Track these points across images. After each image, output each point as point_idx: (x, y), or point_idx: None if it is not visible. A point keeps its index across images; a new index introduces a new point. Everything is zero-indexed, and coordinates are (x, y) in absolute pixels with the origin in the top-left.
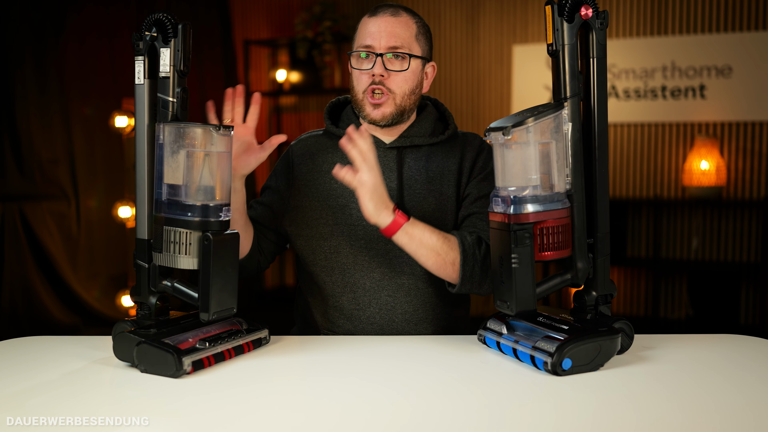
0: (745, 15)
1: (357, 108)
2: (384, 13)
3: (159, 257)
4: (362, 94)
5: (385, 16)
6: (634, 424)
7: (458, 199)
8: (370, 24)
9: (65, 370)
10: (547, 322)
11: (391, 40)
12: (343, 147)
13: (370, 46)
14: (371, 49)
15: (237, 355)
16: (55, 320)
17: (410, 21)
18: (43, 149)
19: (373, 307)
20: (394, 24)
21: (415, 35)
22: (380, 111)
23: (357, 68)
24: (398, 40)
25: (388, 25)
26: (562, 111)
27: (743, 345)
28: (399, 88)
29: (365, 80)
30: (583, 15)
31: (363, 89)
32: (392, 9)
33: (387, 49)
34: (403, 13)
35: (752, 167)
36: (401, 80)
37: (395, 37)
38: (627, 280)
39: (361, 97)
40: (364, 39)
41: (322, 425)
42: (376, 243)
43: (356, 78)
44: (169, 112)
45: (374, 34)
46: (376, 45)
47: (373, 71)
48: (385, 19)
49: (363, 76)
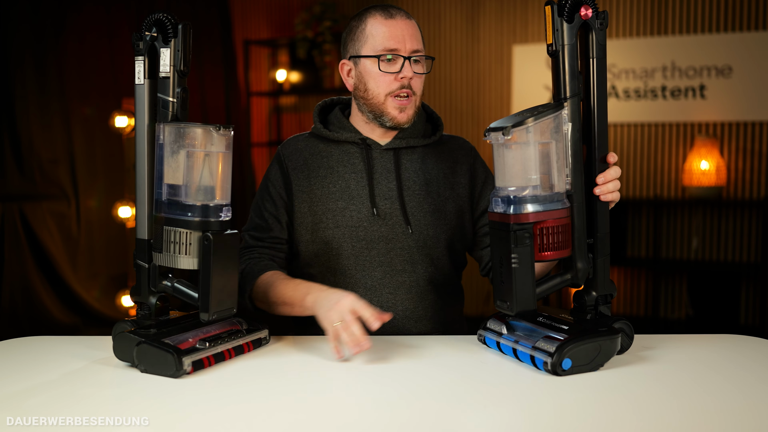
0: (745, 15)
1: (376, 111)
2: (400, 15)
3: (159, 257)
4: (385, 96)
5: (402, 18)
6: (634, 424)
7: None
8: (390, 27)
9: (65, 370)
10: (547, 322)
11: (414, 43)
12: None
13: (396, 49)
14: (397, 52)
15: (237, 355)
16: (55, 320)
17: (416, 24)
18: (43, 149)
19: (374, 305)
20: (412, 27)
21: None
22: (406, 114)
23: (385, 71)
24: (419, 43)
25: (408, 27)
26: (562, 111)
27: (743, 345)
28: (419, 90)
29: (390, 83)
30: (582, 15)
31: (387, 92)
32: (403, 12)
33: (411, 52)
34: (411, 16)
35: (752, 167)
36: (420, 82)
37: (416, 40)
38: (627, 280)
39: (382, 99)
40: (385, 42)
41: (322, 425)
42: (377, 243)
43: (376, 80)
44: (169, 112)
45: (399, 37)
46: (401, 48)
47: (404, 74)
48: (404, 21)
49: (387, 78)
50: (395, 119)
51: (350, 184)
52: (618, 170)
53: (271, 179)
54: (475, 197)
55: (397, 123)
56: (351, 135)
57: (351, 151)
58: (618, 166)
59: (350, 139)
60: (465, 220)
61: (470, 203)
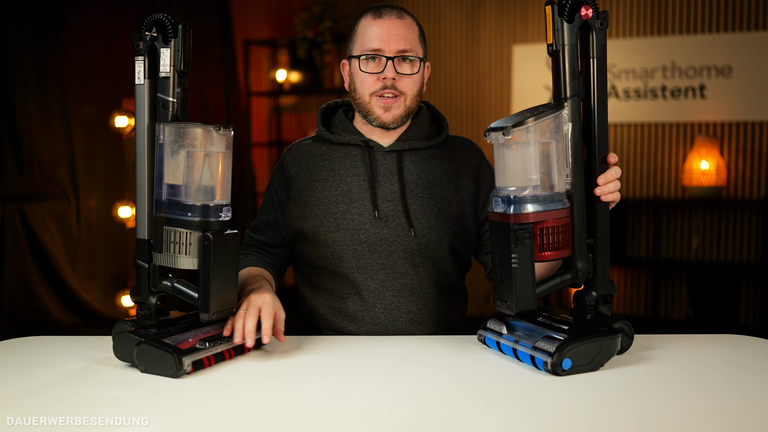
0: (745, 15)
1: (363, 111)
2: (389, 15)
3: (159, 257)
4: (369, 96)
5: (391, 18)
6: (634, 425)
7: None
8: (376, 26)
9: (65, 370)
10: (547, 322)
11: (400, 43)
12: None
13: (379, 49)
14: (380, 53)
15: (237, 355)
16: (55, 320)
17: (413, 23)
18: (43, 149)
19: (378, 308)
20: (401, 27)
21: (418, 37)
22: (391, 114)
23: (365, 71)
24: (407, 43)
25: (396, 27)
26: (562, 111)
27: (743, 345)
28: (409, 90)
29: (374, 83)
30: (583, 15)
31: (371, 92)
32: (396, 11)
33: (397, 53)
34: (407, 15)
35: (752, 167)
36: (411, 82)
37: (404, 41)
38: (627, 280)
39: (368, 99)
40: (370, 42)
41: (322, 425)
42: (379, 245)
43: (361, 80)
44: (169, 112)
45: (383, 37)
46: (385, 48)
47: (385, 75)
48: (392, 21)
49: (370, 79)
50: (380, 119)
51: (352, 186)
52: (618, 170)
53: (274, 185)
54: (480, 201)
55: (382, 123)
56: (353, 137)
57: (353, 153)
58: (618, 167)
59: (352, 142)
60: (469, 224)
61: (474, 206)
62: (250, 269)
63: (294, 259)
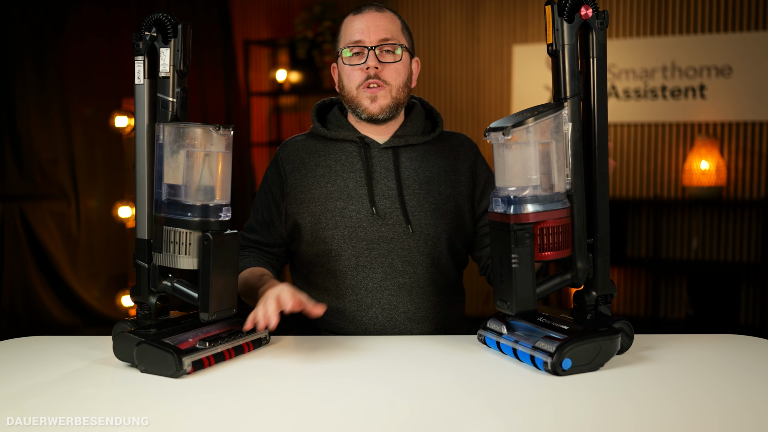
0: (745, 15)
1: (352, 105)
2: (369, 9)
3: (159, 257)
4: (356, 89)
5: (370, 12)
6: (634, 425)
7: (456, 200)
8: (357, 21)
9: (65, 370)
10: (547, 322)
11: (380, 33)
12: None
13: (360, 41)
14: (362, 44)
15: (237, 355)
16: (55, 320)
17: (394, 16)
18: (43, 149)
19: (376, 308)
20: (381, 18)
21: (401, 29)
22: (378, 104)
23: (349, 64)
24: (387, 32)
25: (375, 19)
26: (562, 111)
27: (743, 345)
28: (394, 80)
29: (358, 75)
30: (583, 15)
31: (357, 84)
32: (376, 6)
33: (378, 42)
34: (387, 10)
35: (752, 167)
36: (395, 72)
37: (384, 30)
38: (627, 280)
39: (355, 93)
40: (352, 35)
41: (322, 425)
42: (377, 244)
43: (347, 75)
44: (169, 112)
45: (363, 29)
46: (366, 39)
47: (368, 64)
48: (372, 14)
49: (355, 72)
50: (367, 110)
51: (349, 183)
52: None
53: (269, 182)
54: (476, 197)
55: (369, 114)
56: (349, 134)
57: (349, 150)
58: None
59: (348, 138)
60: (465, 219)
61: (471, 202)
62: (253, 270)
63: (290, 258)
